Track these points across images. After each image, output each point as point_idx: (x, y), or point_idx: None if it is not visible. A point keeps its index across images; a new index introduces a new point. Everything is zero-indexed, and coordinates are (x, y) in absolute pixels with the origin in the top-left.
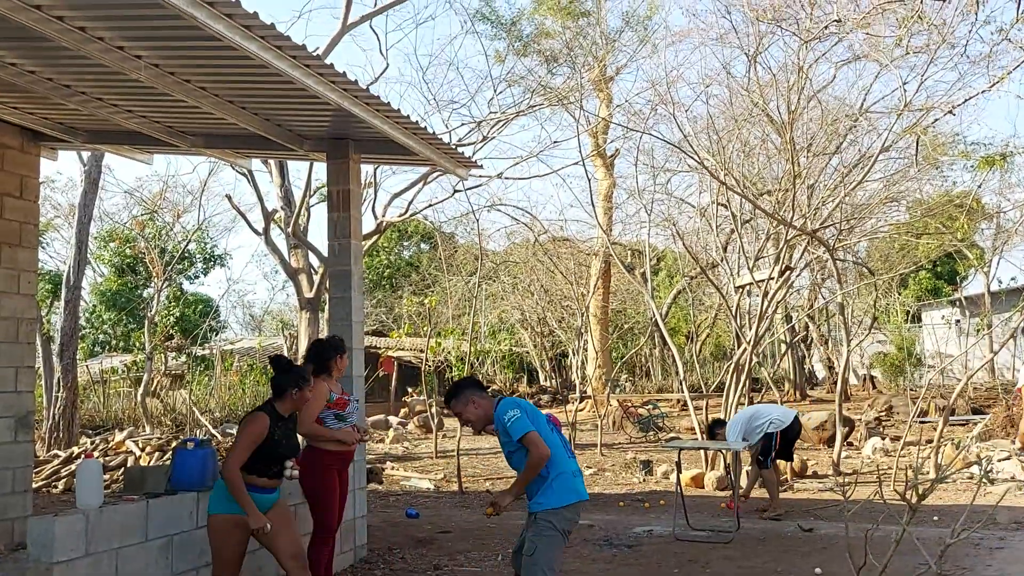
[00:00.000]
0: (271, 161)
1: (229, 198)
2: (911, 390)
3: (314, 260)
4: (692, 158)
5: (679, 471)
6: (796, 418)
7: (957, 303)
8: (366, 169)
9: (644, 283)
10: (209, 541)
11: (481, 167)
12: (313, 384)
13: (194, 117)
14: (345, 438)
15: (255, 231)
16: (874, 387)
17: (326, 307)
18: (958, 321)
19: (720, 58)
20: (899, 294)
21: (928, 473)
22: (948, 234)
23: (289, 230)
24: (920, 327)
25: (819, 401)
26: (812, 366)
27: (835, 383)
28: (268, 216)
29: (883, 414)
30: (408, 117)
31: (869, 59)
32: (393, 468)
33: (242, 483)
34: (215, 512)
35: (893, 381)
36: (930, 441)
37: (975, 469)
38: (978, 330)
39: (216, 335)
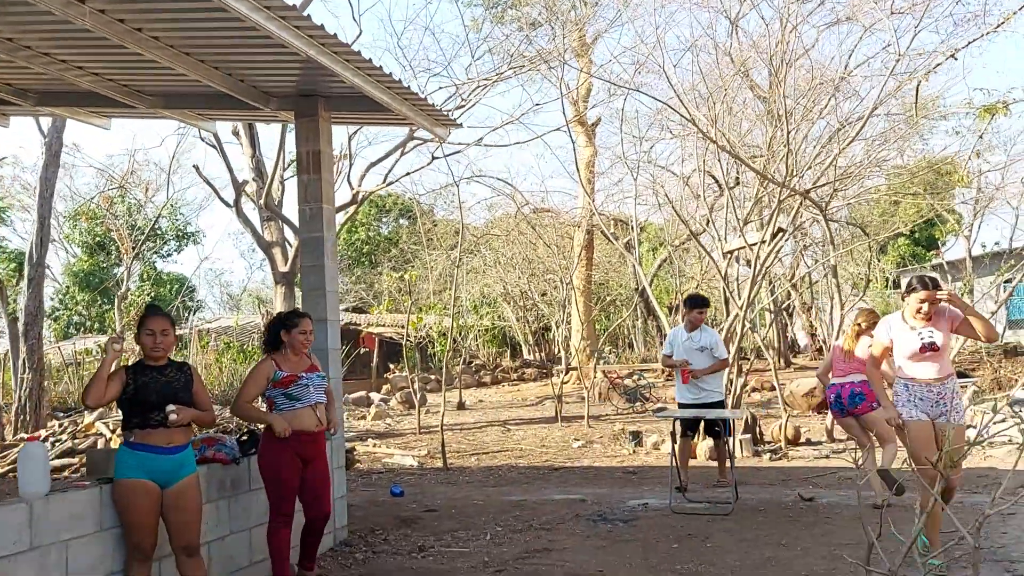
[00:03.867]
0: (241, 131)
1: (197, 168)
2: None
3: (289, 234)
4: (683, 116)
5: (675, 441)
6: None
7: (938, 268)
8: (340, 139)
9: (630, 251)
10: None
11: (461, 126)
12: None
13: (152, 74)
14: (276, 426)
15: (225, 203)
16: None
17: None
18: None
19: (702, 23)
20: (879, 260)
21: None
22: (943, 191)
23: (261, 202)
24: (899, 292)
25: (803, 368)
26: (794, 334)
27: (818, 350)
28: (239, 187)
29: None
30: (381, 69)
31: (857, 21)
32: (375, 445)
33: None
34: (117, 478)
35: None
36: None
37: (970, 433)
38: (962, 294)
39: (193, 314)
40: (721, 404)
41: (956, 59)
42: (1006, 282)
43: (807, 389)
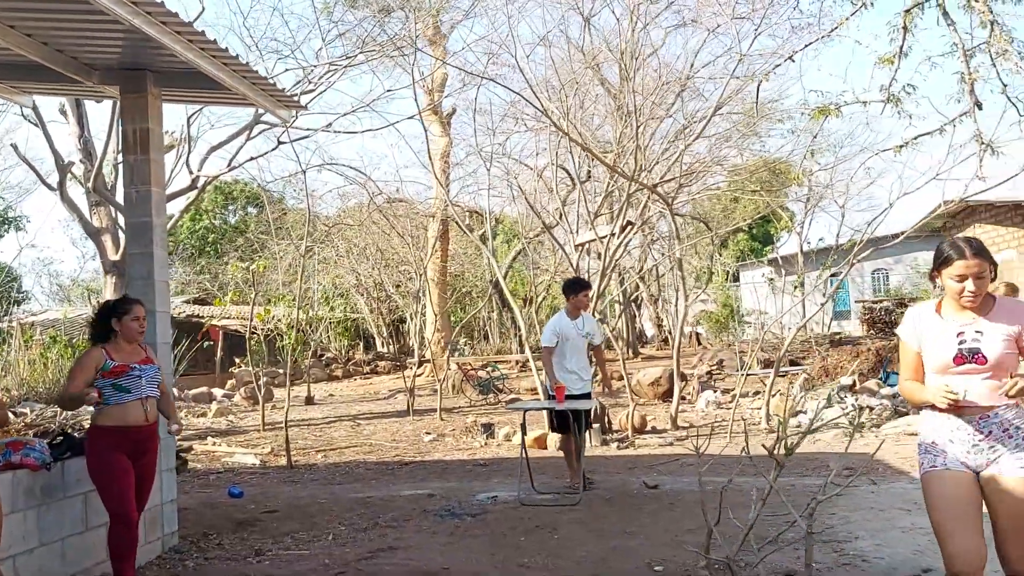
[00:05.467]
0: (68, 109)
1: (15, 147)
2: (739, 343)
3: (122, 220)
4: (536, 107)
5: (524, 433)
6: None
7: (772, 263)
8: (179, 121)
9: (484, 243)
10: None
11: (306, 108)
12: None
13: None
14: (88, 400)
15: (47, 185)
16: (699, 343)
17: None
18: (772, 280)
19: (555, 17)
20: (720, 255)
21: (764, 423)
22: (779, 188)
23: (89, 185)
24: (738, 286)
25: (650, 358)
26: (642, 325)
27: (664, 340)
28: (63, 169)
29: (714, 368)
30: (216, 43)
31: (701, 24)
32: (215, 443)
33: None
34: None
35: (717, 336)
36: (757, 393)
37: (802, 418)
38: (794, 287)
39: (16, 306)
40: (590, 394)
41: (794, 61)
42: (832, 276)
43: (653, 378)
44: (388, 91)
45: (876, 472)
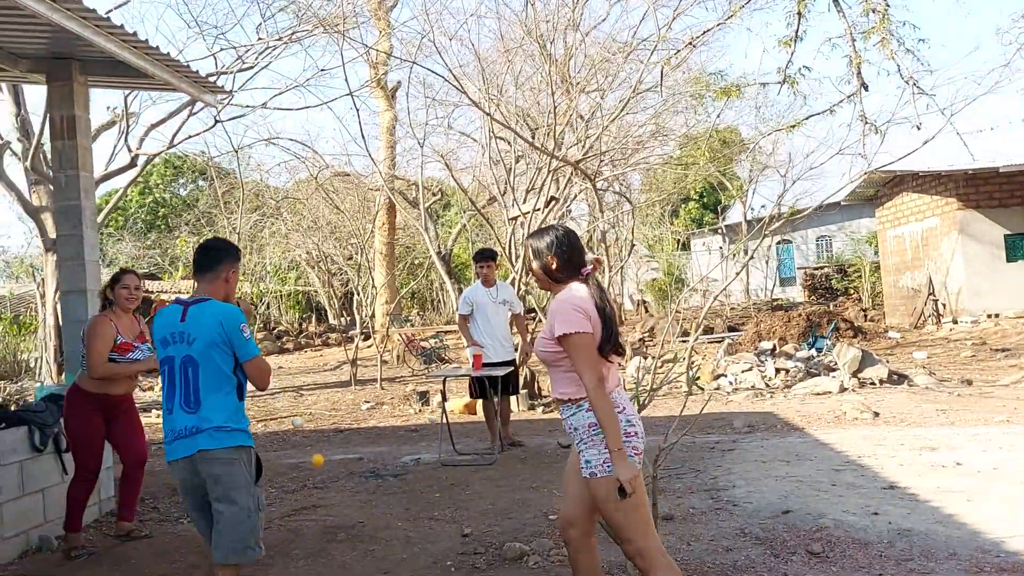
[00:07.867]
0: (3, 87)
1: None
2: (684, 311)
3: None
4: (460, 91)
5: (444, 399)
6: None
7: (720, 231)
8: (117, 99)
9: (422, 218)
10: None
11: (231, 94)
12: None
13: None
14: (135, 369)
15: None
16: (647, 311)
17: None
18: (720, 248)
19: None
20: (671, 224)
21: (681, 387)
22: (701, 163)
23: (27, 163)
24: (689, 254)
25: None
26: None
27: None
28: (0, 147)
29: (646, 335)
30: (136, 34)
31: None
32: (158, 415)
33: None
34: None
35: (661, 305)
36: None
37: (722, 381)
38: (733, 255)
39: None
40: (513, 361)
41: (695, 47)
42: (779, 243)
43: None
44: (322, 70)
45: (774, 428)
